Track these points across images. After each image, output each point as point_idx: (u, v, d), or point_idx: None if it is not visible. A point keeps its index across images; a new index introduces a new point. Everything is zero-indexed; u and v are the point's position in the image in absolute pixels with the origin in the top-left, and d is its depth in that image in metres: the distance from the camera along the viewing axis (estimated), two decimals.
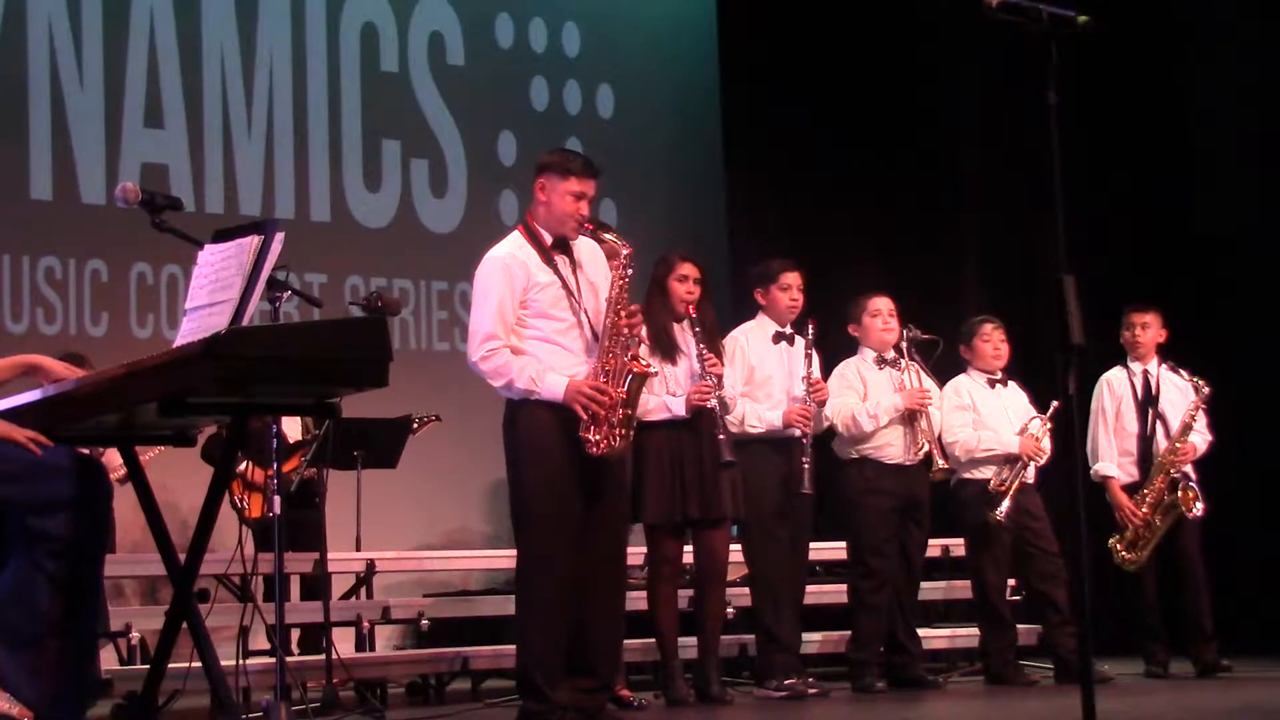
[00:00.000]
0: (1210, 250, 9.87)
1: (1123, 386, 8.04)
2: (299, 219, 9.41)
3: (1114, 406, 8.03)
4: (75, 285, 8.81)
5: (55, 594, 4.04)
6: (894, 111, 10.62)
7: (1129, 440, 7.98)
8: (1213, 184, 10.05)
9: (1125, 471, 7.96)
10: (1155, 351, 8.08)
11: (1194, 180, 10.13)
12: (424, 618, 7.72)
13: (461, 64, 10.25)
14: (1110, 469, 7.97)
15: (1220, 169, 10.05)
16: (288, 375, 4.13)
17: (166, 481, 5.15)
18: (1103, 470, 7.97)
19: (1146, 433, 7.94)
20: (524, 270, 5.86)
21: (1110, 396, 8.05)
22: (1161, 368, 8.04)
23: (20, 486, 4.00)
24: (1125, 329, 8.11)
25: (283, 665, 5.68)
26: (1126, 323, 8.10)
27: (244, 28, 9.50)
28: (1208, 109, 10.10)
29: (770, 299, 7.26)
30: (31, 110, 8.79)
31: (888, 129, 10.62)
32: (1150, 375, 8.03)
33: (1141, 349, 8.06)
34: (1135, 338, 8.07)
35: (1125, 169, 10.08)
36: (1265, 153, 9.75)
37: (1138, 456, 7.95)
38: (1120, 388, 8.05)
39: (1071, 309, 3.94)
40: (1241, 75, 9.92)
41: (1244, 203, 9.84)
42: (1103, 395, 8.06)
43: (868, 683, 7.30)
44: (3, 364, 4.43)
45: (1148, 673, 7.79)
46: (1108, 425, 8.02)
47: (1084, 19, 4.07)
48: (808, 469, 6.95)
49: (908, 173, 10.65)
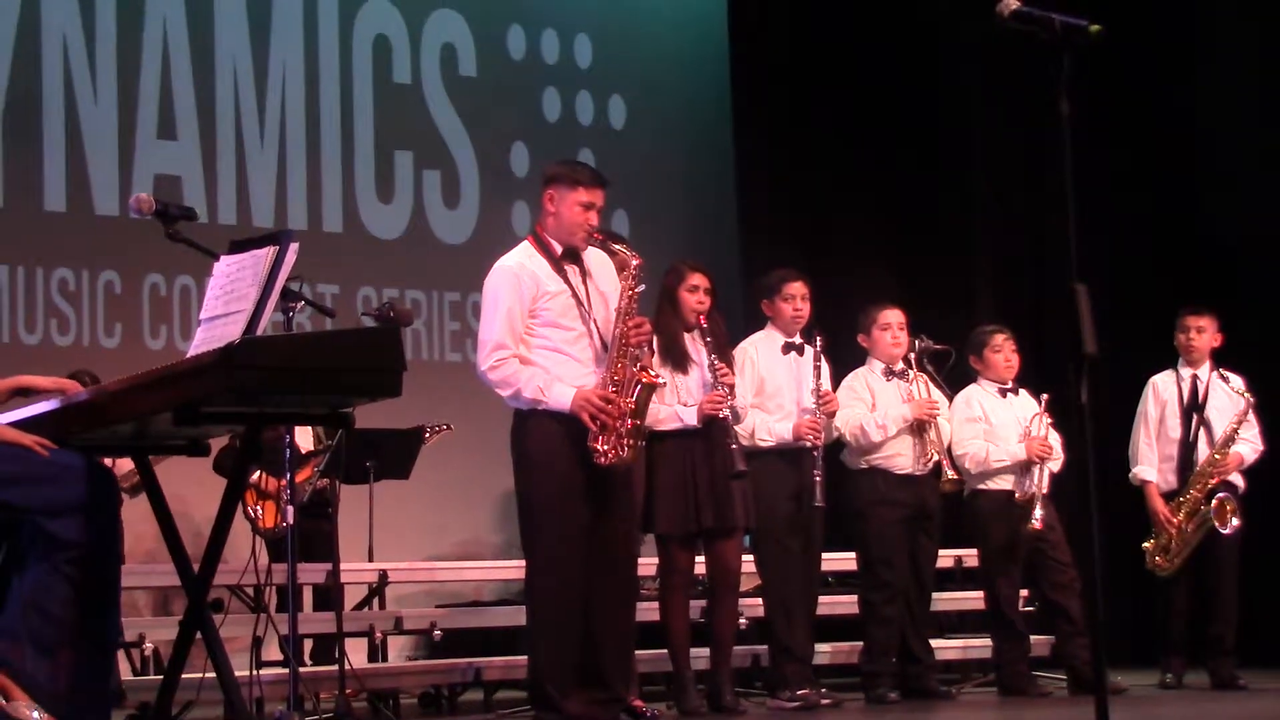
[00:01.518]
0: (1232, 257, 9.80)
1: (1169, 390, 7.92)
2: (311, 230, 9.42)
3: (1158, 411, 7.91)
4: (88, 296, 8.83)
5: (77, 600, 4.05)
6: (906, 121, 10.63)
7: (1171, 446, 7.86)
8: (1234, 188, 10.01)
9: (1163, 478, 7.85)
10: (1209, 357, 7.93)
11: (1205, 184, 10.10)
12: (436, 628, 7.73)
13: (474, 75, 10.26)
14: (1149, 473, 7.86)
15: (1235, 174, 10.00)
16: (302, 385, 4.14)
17: (180, 492, 5.15)
18: (1141, 474, 7.87)
19: (1189, 439, 7.81)
20: (533, 280, 5.87)
21: (1155, 400, 7.94)
22: (1213, 374, 7.91)
23: (31, 489, 4.00)
24: (1180, 332, 7.93)
25: (296, 676, 5.69)
26: (1181, 325, 7.93)
27: (257, 40, 9.53)
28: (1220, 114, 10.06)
29: (775, 310, 7.26)
30: (45, 122, 8.82)
31: (899, 139, 10.62)
32: (1199, 381, 7.88)
33: (1195, 353, 7.89)
34: (1190, 341, 7.89)
35: (1142, 176, 10.06)
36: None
37: (1178, 463, 7.83)
38: (1166, 392, 7.92)
39: (1084, 318, 3.93)
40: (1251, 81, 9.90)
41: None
42: (1148, 398, 7.95)
43: (880, 694, 7.29)
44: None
45: (1162, 684, 7.76)
46: (1149, 429, 7.91)
47: (1096, 28, 4.07)
48: (819, 481, 6.94)
49: (919, 183, 10.65)
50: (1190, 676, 7.80)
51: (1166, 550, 7.76)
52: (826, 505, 7.01)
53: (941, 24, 10.66)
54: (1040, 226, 10.26)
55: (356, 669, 6.69)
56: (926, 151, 10.69)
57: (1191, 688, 7.70)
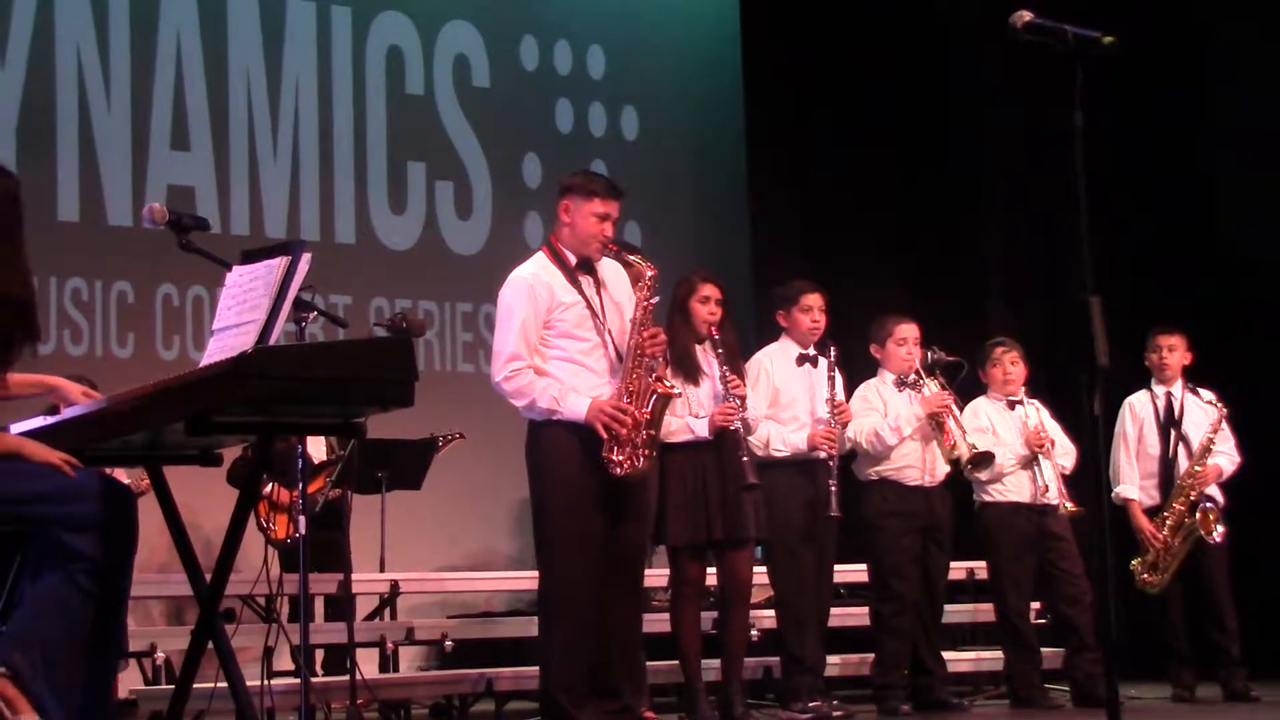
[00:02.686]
0: (1233, 272, 9.84)
1: (1145, 409, 8.03)
2: (324, 240, 9.44)
3: (1136, 429, 8.01)
4: (101, 306, 8.85)
5: (91, 613, 4.06)
6: (918, 132, 10.63)
7: (1151, 463, 7.96)
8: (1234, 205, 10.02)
9: (1147, 494, 7.93)
10: (1181, 374, 8.06)
11: (1215, 202, 10.11)
12: (448, 639, 7.73)
13: (486, 86, 10.28)
14: (1131, 491, 7.94)
15: (1242, 190, 10.01)
16: (314, 395, 4.14)
17: (191, 502, 5.14)
18: (1124, 493, 7.94)
19: (1168, 455, 7.91)
20: (548, 290, 5.87)
21: (1132, 419, 8.03)
22: (1185, 391, 8.01)
23: (54, 506, 4.02)
24: (1152, 351, 8.07)
25: (307, 686, 5.68)
26: (1153, 345, 8.06)
27: (270, 51, 9.55)
28: (1228, 130, 10.07)
29: (792, 321, 7.25)
30: (59, 132, 8.85)
31: (911, 150, 10.63)
32: (1173, 398, 8.00)
33: (1168, 371, 8.02)
34: (1163, 360, 8.03)
35: (1146, 191, 10.06)
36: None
37: (1160, 479, 7.92)
38: (1143, 410, 8.03)
39: (1097, 330, 3.93)
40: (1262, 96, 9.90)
41: (1268, 224, 9.80)
42: (1125, 418, 8.04)
43: (892, 705, 7.27)
44: (29, 379, 4.46)
45: (1174, 697, 7.75)
46: (1129, 448, 8.00)
47: (1109, 39, 4.07)
48: (834, 491, 6.94)
49: (932, 193, 10.66)
50: (1203, 689, 7.78)
51: (1155, 567, 7.82)
52: (842, 515, 7.00)
53: (954, 35, 10.65)
54: (1053, 237, 10.24)
55: (368, 679, 6.70)
56: (939, 162, 10.69)
57: (1204, 700, 7.68)
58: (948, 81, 10.78)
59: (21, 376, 4.42)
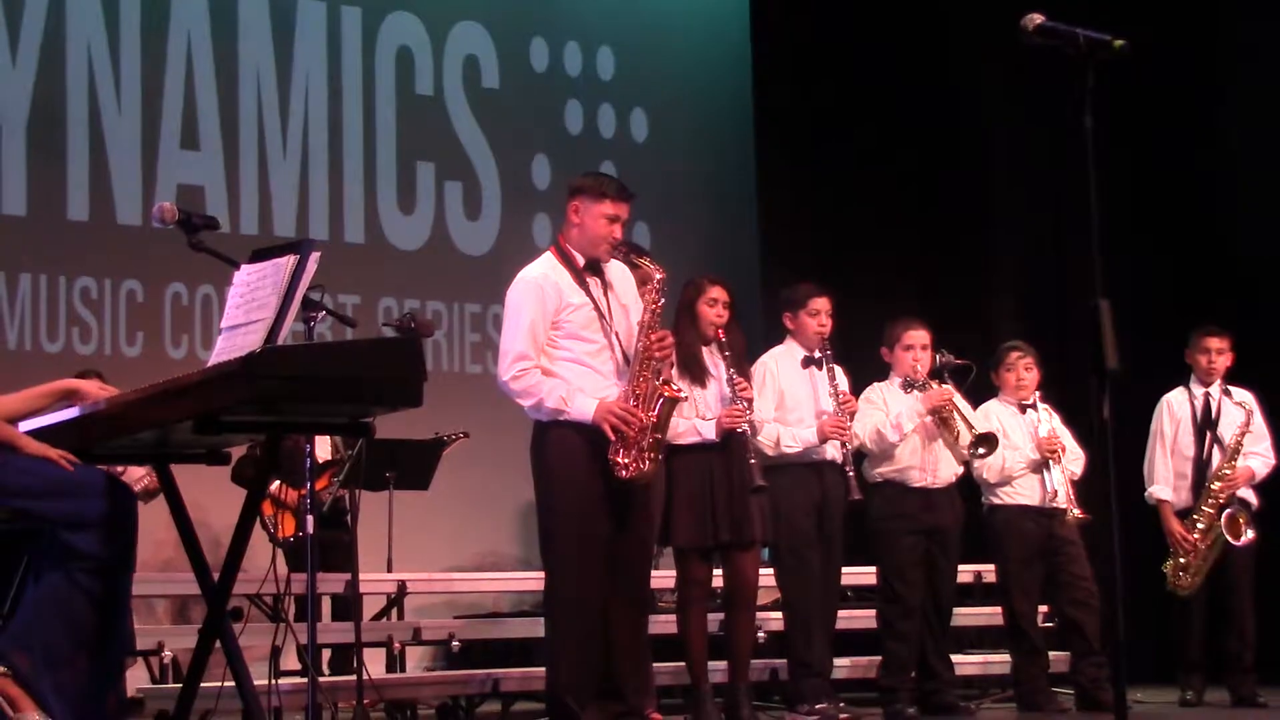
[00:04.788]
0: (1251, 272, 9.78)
1: (1182, 409, 7.93)
2: (333, 240, 9.44)
3: (1173, 429, 7.92)
4: (110, 305, 8.86)
5: (92, 612, 4.06)
6: (928, 135, 10.62)
7: (1185, 464, 7.87)
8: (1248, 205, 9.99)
9: (1179, 496, 7.85)
10: (1221, 376, 7.94)
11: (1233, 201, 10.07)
12: (455, 639, 7.73)
13: (496, 87, 10.28)
14: (1164, 492, 7.87)
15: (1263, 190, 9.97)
16: (322, 394, 4.14)
17: (199, 500, 5.14)
18: (1156, 494, 7.87)
19: (1202, 456, 7.83)
20: (556, 291, 5.87)
21: (1169, 419, 7.94)
22: (1221, 391, 7.89)
23: (54, 502, 4.02)
24: (1200, 353, 7.92)
25: (314, 685, 5.69)
26: (1201, 346, 7.92)
27: (280, 51, 9.56)
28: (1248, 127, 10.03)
29: (799, 324, 7.24)
30: (69, 131, 8.85)
31: (921, 152, 10.61)
32: (1211, 398, 7.89)
33: (1214, 374, 7.89)
34: (1211, 363, 7.89)
35: (1163, 193, 10.04)
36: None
37: (1192, 480, 7.84)
38: (1180, 410, 7.94)
39: (1107, 333, 3.92)
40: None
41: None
42: (1162, 417, 7.96)
43: (899, 709, 7.26)
44: (41, 391, 4.45)
45: (1182, 701, 7.73)
46: (1165, 448, 7.92)
47: (1120, 42, 4.06)
48: (852, 476, 6.94)
49: (940, 194, 10.65)
50: (1211, 694, 7.76)
51: (1186, 569, 7.75)
52: (862, 498, 7.01)
53: (969, 36, 10.63)
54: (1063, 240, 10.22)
55: (374, 679, 6.70)
56: (949, 165, 10.67)
57: (1212, 704, 7.67)
58: (958, 84, 10.76)
59: (35, 391, 4.42)
